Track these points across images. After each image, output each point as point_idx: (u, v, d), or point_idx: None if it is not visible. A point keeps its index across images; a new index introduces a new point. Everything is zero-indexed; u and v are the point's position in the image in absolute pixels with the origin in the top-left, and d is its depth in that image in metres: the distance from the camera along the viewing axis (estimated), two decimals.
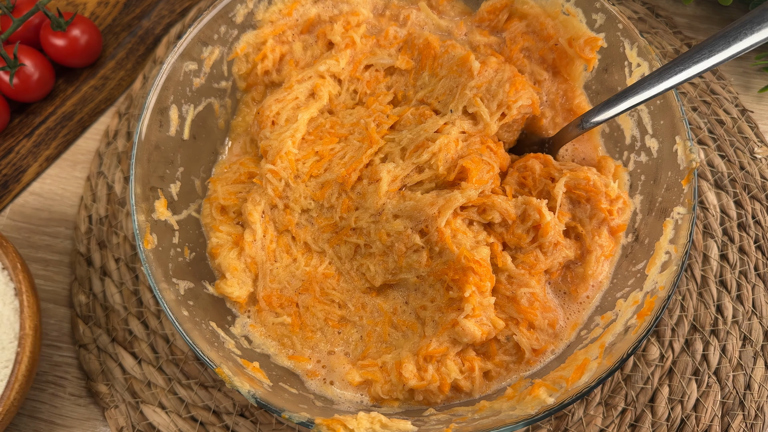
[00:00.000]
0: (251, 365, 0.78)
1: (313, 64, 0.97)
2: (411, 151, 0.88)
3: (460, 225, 0.84)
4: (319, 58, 0.97)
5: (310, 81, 0.94)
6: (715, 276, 0.99)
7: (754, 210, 1.02)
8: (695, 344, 0.95)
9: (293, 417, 0.70)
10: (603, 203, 0.85)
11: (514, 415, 0.71)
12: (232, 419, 0.93)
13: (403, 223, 0.84)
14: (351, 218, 0.87)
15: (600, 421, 0.91)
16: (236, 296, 0.86)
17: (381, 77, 0.97)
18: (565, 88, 0.96)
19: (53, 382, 0.98)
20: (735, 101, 1.11)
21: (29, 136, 1.12)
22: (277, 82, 1.00)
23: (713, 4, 1.20)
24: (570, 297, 0.86)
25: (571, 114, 0.95)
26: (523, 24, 0.96)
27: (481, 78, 0.90)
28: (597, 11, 0.89)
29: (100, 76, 1.17)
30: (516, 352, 0.83)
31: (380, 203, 0.84)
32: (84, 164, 1.13)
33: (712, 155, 1.07)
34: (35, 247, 1.07)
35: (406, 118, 0.92)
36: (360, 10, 0.99)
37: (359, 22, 0.98)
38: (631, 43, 0.86)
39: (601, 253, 0.86)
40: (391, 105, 0.96)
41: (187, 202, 0.91)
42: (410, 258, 0.84)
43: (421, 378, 0.80)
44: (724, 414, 0.91)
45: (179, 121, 0.89)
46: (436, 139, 0.87)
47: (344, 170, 0.88)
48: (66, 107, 1.15)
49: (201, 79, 0.92)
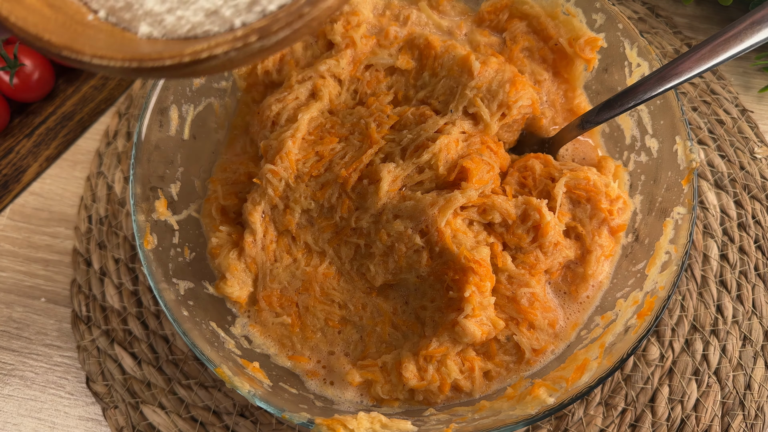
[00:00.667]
0: (251, 365, 0.78)
1: (314, 64, 0.97)
2: (411, 151, 0.88)
3: (460, 225, 0.84)
4: (320, 58, 0.97)
5: (310, 81, 0.94)
6: (715, 276, 0.99)
7: (754, 210, 1.02)
8: (695, 344, 0.95)
9: (293, 417, 0.70)
10: (603, 203, 0.85)
11: (514, 415, 0.71)
12: (232, 419, 0.93)
13: (404, 223, 0.83)
14: (351, 219, 0.87)
15: (600, 421, 0.91)
16: (236, 296, 0.86)
17: (381, 77, 0.96)
18: (566, 88, 0.96)
19: (53, 382, 0.98)
20: (735, 101, 1.11)
21: (29, 136, 1.12)
22: (277, 82, 1.00)
23: (713, 4, 1.20)
24: (570, 297, 0.86)
25: (571, 114, 0.95)
26: (524, 24, 0.96)
27: (481, 78, 0.90)
28: (597, 11, 0.89)
29: (100, 75, 1.17)
30: (516, 352, 0.83)
31: (380, 203, 0.84)
32: (84, 164, 1.13)
33: (712, 155, 1.07)
34: (35, 247, 1.07)
35: (406, 118, 0.92)
36: (360, 9, 0.99)
37: (359, 22, 0.98)
38: (631, 43, 0.86)
39: (601, 253, 0.85)
40: (391, 105, 0.96)
41: (187, 202, 0.91)
42: (410, 258, 0.84)
43: (421, 378, 0.80)
44: (724, 414, 0.91)
45: (179, 121, 0.89)
46: (437, 139, 0.87)
47: (344, 171, 0.88)
48: (66, 107, 1.15)
49: (201, 79, 0.92)
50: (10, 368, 0.99)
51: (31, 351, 1.00)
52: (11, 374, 0.98)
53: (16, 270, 1.05)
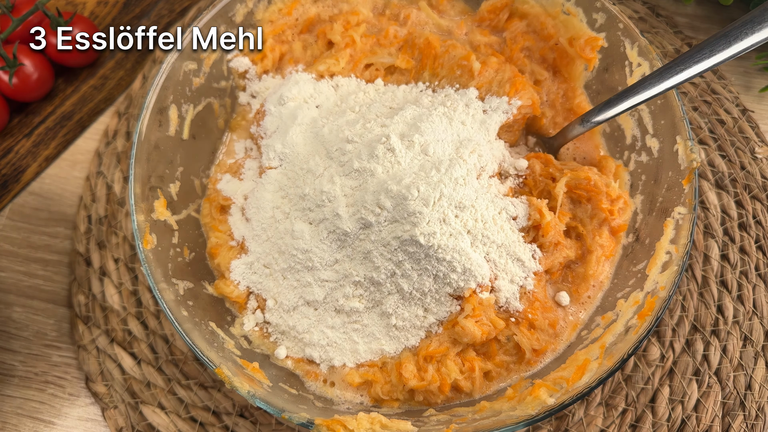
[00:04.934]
0: (251, 365, 0.78)
1: (313, 63, 0.97)
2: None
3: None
4: (319, 58, 0.97)
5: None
6: (715, 276, 0.98)
7: (755, 210, 1.02)
8: (696, 344, 0.94)
9: (293, 418, 0.70)
10: (604, 203, 0.85)
11: (515, 416, 0.70)
12: (232, 420, 0.93)
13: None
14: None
15: (600, 421, 0.91)
16: (236, 296, 0.86)
17: (381, 76, 0.96)
18: (566, 88, 0.96)
19: (53, 382, 0.98)
20: (736, 101, 1.11)
21: (28, 136, 1.12)
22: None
23: (714, 4, 1.20)
24: (571, 297, 0.86)
25: (572, 114, 0.95)
26: (524, 23, 0.96)
27: (481, 78, 0.90)
28: (597, 11, 0.89)
29: (99, 75, 1.17)
30: (516, 353, 0.82)
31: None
32: (83, 164, 1.13)
33: (713, 155, 1.06)
34: (34, 247, 1.07)
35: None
36: (360, 9, 0.99)
37: (359, 22, 0.98)
38: (631, 43, 0.86)
39: (602, 253, 0.85)
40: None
41: (187, 202, 0.91)
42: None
43: (421, 378, 0.80)
44: (724, 414, 0.91)
45: (179, 121, 0.89)
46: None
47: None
48: (65, 107, 1.14)
49: (200, 78, 0.92)
50: (10, 368, 0.99)
51: (31, 351, 1.00)
52: (11, 374, 0.98)
53: (16, 270, 1.05)
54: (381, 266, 0.78)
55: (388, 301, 0.80)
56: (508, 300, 0.81)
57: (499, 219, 0.81)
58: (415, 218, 0.75)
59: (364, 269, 0.79)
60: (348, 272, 0.79)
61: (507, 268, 0.81)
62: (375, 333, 0.82)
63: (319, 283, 0.81)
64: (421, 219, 0.75)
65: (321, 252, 0.79)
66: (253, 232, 0.86)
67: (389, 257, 0.78)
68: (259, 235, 0.85)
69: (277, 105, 0.91)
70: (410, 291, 0.79)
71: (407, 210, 0.75)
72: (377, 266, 0.78)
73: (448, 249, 0.76)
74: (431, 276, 0.78)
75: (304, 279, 0.81)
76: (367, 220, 0.76)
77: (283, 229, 0.82)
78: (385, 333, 0.82)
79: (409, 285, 0.79)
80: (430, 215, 0.75)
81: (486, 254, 0.80)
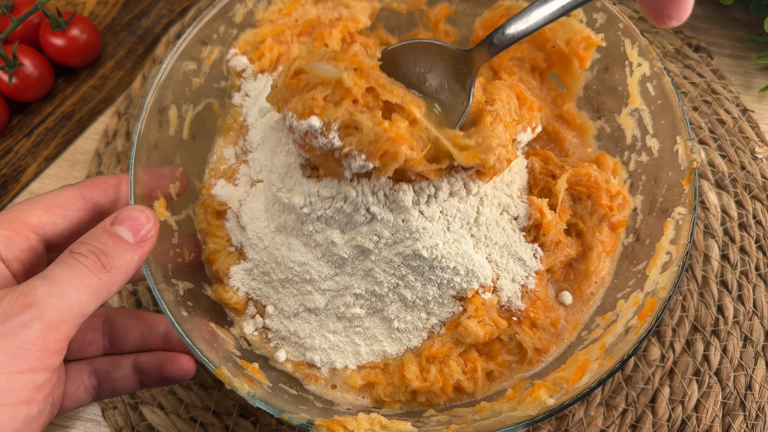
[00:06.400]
0: (251, 366, 0.78)
1: None
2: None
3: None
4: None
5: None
6: (716, 276, 0.98)
7: (755, 210, 1.02)
8: (696, 344, 0.94)
9: (293, 418, 0.69)
10: (604, 199, 0.85)
11: (515, 416, 0.70)
12: (232, 420, 0.92)
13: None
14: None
15: (600, 421, 0.91)
16: (234, 302, 0.85)
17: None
18: (554, 95, 0.96)
19: None
20: (736, 101, 1.11)
21: (28, 136, 1.12)
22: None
23: (714, 4, 1.20)
24: (573, 294, 0.86)
25: (561, 120, 0.95)
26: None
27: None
28: (597, 11, 0.89)
29: (99, 75, 1.17)
30: (519, 352, 0.82)
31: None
32: (83, 164, 1.13)
33: (713, 155, 1.06)
34: None
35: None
36: (359, 17, 0.99)
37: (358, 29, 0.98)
38: (632, 43, 0.86)
39: (603, 249, 0.85)
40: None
41: (187, 202, 0.90)
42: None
43: (423, 379, 0.80)
44: (725, 414, 0.91)
45: (178, 121, 0.89)
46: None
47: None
48: (65, 107, 1.14)
49: (200, 78, 0.92)
50: None
51: None
52: None
53: None
54: (384, 281, 0.78)
55: (390, 308, 0.80)
56: (509, 299, 0.81)
57: (501, 220, 0.81)
58: (418, 234, 0.75)
59: (365, 283, 0.79)
60: (348, 284, 0.79)
61: (509, 267, 0.81)
62: (377, 335, 0.82)
63: (320, 291, 0.80)
64: (424, 234, 0.75)
65: (319, 267, 0.79)
66: (250, 240, 0.85)
67: (392, 272, 0.77)
68: (255, 244, 0.84)
69: (258, 118, 0.90)
70: (413, 300, 0.79)
71: (409, 230, 0.75)
72: (380, 281, 0.78)
73: (451, 256, 0.76)
74: (435, 285, 0.78)
75: (304, 288, 0.81)
76: (364, 247, 0.76)
77: (279, 240, 0.81)
78: (387, 335, 0.82)
79: (412, 294, 0.79)
80: (434, 229, 0.75)
81: (488, 255, 0.80)
